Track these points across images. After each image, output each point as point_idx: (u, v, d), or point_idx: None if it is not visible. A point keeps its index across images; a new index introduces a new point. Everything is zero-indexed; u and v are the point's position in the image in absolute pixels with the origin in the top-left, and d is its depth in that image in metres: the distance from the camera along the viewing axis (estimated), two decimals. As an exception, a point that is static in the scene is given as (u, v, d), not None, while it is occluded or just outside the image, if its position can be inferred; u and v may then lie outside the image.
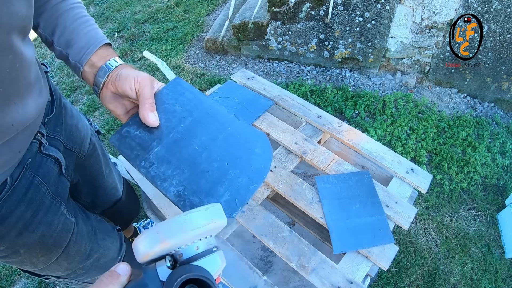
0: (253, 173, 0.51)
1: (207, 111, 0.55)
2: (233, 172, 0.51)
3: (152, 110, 0.50)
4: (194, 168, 0.50)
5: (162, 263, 0.32)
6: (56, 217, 0.59)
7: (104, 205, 0.89)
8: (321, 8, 1.91)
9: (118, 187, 0.92)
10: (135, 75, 0.49)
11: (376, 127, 1.81)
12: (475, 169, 1.66)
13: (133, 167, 0.53)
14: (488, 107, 2.00)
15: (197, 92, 0.57)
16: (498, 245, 1.45)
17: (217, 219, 0.33)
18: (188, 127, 0.53)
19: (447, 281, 1.35)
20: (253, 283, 0.74)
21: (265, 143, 0.55)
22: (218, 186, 0.49)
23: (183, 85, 0.56)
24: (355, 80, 2.13)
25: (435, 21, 1.82)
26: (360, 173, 0.91)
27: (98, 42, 0.53)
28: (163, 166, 0.50)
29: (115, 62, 0.53)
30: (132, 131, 0.52)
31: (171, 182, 0.49)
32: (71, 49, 0.53)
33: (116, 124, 1.95)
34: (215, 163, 0.51)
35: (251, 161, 0.52)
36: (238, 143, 0.53)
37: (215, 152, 0.52)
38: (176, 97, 0.55)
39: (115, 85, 0.50)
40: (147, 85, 0.49)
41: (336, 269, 0.75)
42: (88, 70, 0.53)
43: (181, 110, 0.54)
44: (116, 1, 3.02)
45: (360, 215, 0.83)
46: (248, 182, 0.50)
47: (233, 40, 2.27)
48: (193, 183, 0.49)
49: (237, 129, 0.55)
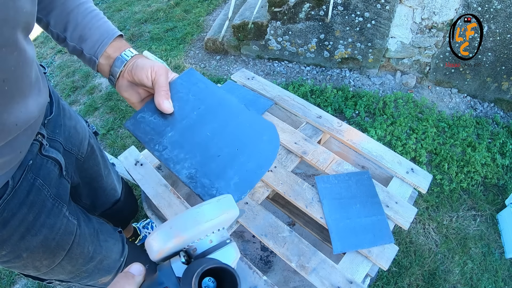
0: (261, 158, 0.54)
1: (219, 101, 0.57)
2: (242, 157, 0.53)
3: (167, 97, 0.52)
4: (205, 152, 0.52)
5: (177, 259, 0.32)
6: (58, 219, 0.59)
7: (103, 206, 0.90)
8: (321, 8, 1.91)
9: (117, 188, 0.92)
10: (151, 64, 0.51)
11: (376, 127, 1.81)
12: (475, 169, 1.66)
13: (147, 150, 0.56)
14: (488, 107, 2.00)
15: (210, 83, 0.59)
16: (498, 245, 1.45)
17: (229, 209, 0.33)
18: (200, 114, 0.55)
19: (447, 281, 1.35)
20: (253, 283, 0.74)
21: (273, 132, 0.57)
22: (228, 169, 0.52)
23: (196, 76, 0.59)
24: (355, 80, 2.13)
25: (435, 21, 1.82)
26: (360, 173, 0.91)
27: (112, 34, 0.55)
28: (176, 150, 0.52)
29: (130, 53, 0.54)
30: (147, 117, 0.54)
31: (183, 165, 0.51)
32: (85, 43, 0.54)
33: (116, 124, 1.95)
34: (225, 148, 0.53)
35: (259, 147, 0.55)
36: (247, 131, 0.56)
37: (225, 138, 0.54)
38: (190, 86, 0.57)
39: (131, 74, 0.52)
40: (163, 74, 0.51)
41: (336, 269, 0.75)
42: (103, 62, 0.55)
43: (194, 99, 0.56)
44: (116, 1, 3.02)
45: (360, 215, 0.83)
46: (256, 167, 0.53)
47: (233, 40, 2.27)
48: (204, 166, 0.51)
49: (246, 118, 0.57)
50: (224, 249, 0.33)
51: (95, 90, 2.20)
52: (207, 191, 0.50)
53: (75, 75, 2.31)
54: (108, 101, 2.10)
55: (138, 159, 0.98)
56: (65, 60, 2.45)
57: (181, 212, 0.86)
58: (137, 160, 0.98)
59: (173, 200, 0.88)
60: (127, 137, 1.87)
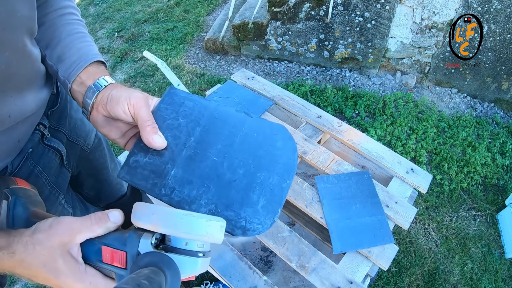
0: (282, 169, 0.48)
1: (214, 116, 0.50)
2: (261, 174, 0.47)
3: (155, 131, 0.45)
4: (219, 181, 0.46)
5: (148, 237, 0.33)
6: (53, 206, 0.61)
7: (108, 199, 0.91)
8: (321, 8, 1.91)
9: (123, 183, 0.93)
10: (127, 96, 0.45)
11: (376, 127, 1.81)
12: (475, 169, 1.66)
13: None
14: (488, 107, 2.00)
15: (197, 98, 0.52)
16: (498, 245, 1.45)
17: (212, 235, 0.32)
18: (199, 138, 0.49)
19: (447, 281, 1.35)
20: (253, 283, 0.74)
21: (285, 134, 0.51)
22: (250, 193, 0.46)
23: (179, 94, 0.52)
24: (355, 80, 2.13)
25: (435, 21, 1.82)
26: (360, 173, 0.91)
27: (90, 58, 0.50)
28: (186, 188, 0.46)
29: (104, 82, 0.48)
30: (140, 160, 0.47)
31: (199, 203, 0.45)
32: (61, 64, 0.50)
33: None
34: (240, 169, 0.47)
35: (276, 157, 0.49)
36: (257, 142, 0.50)
37: (236, 158, 0.48)
38: (177, 109, 0.50)
39: (106, 108, 0.46)
40: (142, 106, 0.45)
41: (336, 269, 0.75)
42: (76, 89, 0.49)
43: (186, 122, 0.49)
44: (116, 1, 3.02)
45: (360, 215, 0.83)
46: (280, 180, 0.47)
47: (233, 40, 2.27)
48: (223, 197, 0.45)
49: (251, 127, 0.51)
50: (192, 258, 0.32)
51: (95, 90, 2.19)
52: (235, 225, 0.44)
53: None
54: (108, 101, 2.09)
55: (138, 159, 0.98)
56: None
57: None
58: (137, 160, 0.98)
59: (173, 200, 0.88)
60: (127, 137, 1.87)
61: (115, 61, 2.37)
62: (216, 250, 0.79)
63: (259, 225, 0.44)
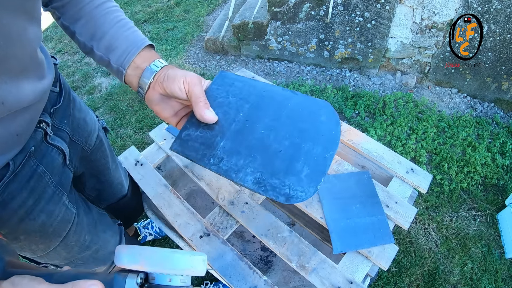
0: (326, 141, 0.50)
1: (262, 94, 0.54)
2: (305, 145, 0.49)
3: (207, 107, 0.49)
4: (265, 151, 0.49)
5: (134, 277, 0.34)
6: (57, 206, 0.60)
7: (109, 200, 0.91)
8: (321, 8, 1.91)
9: (124, 184, 0.93)
10: (183, 75, 0.49)
11: (376, 127, 1.81)
12: (475, 169, 1.66)
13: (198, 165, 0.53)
14: (488, 107, 2.00)
15: (246, 79, 0.56)
16: (498, 245, 1.45)
17: (196, 269, 0.34)
18: (247, 114, 0.52)
19: (447, 281, 1.35)
20: (253, 283, 0.74)
21: (329, 109, 0.53)
22: (295, 163, 0.48)
23: (230, 76, 0.56)
24: (355, 80, 2.13)
25: (435, 21, 1.82)
26: (360, 173, 0.91)
27: (140, 44, 0.53)
28: (234, 158, 0.49)
29: (160, 63, 0.52)
30: (192, 133, 0.51)
31: (246, 172, 0.48)
32: (112, 53, 0.52)
33: (116, 124, 1.95)
34: (285, 141, 0.50)
35: (320, 130, 0.51)
36: (302, 116, 0.52)
37: (282, 131, 0.51)
38: (227, 89, 0.54)
39: (162, 86, 0.49)
40: (197, 84, 0.49)
41: (336, 269, 0.75)
42: (131, 73, 0.52)
43: (236, 100, 0.53)
44: (116, 1, 3.02)
45: (360, 215, 0.83)
46: (323, 151, 0.49)
47: (233, 40, 2.27)
48: (269, 166, 0.48)
49: (297, 103, 0.53)
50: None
51: (95, 90, 2.20)
52: (280, 192, 0.46)
53: (75, 75, 2.31)
54: (108, 101, 2.10)
55: (138, 159, 0.98)
56: (65, 60, 2.45)
57: (180, 210, 0.86)
58: (137, 160, 0.98)
59: (173, 200, 0.88)
60: (127, 137, 1.87)
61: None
62: (216, 250, 0.79)
63: (302, 193, 0.46)
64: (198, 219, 0.85)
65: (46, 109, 0.58)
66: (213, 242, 0.80)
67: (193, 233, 0.82)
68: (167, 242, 1.43)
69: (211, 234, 0.82)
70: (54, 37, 2.68)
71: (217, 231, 0.82)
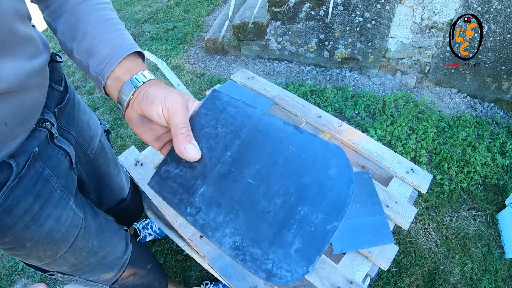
0: (330, 206, 0.38)
1: (257, 127, 0.43)
2: (302, 208, 0.38)
3: (188, 140, 0.40)
4: (250, 209, 0.40)
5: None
6: (65, 211, 0.58)
7: (108, 204, 0.90)
8: (321, 8, 1.91)
9: (125, 187, 0.92)
10: (163, 97, 0.40)
11: (376, 127, 1.81)
12: (475, 169, 1.66)
13: None
14: (488, 107, 2.00)
15: (242, 105, 0.45)
16: (498, 245, 1.45)
17: None
18: (236, 154, 0.42)
19: (447, 281, 1.35)
20: (253, 283, 0.74)
21: (341, 159, 0.40)
22: (285, 231, 0.38)
23: (222, 99, 0.45)
24: (355, 80, 2.13)
25: (435, 21, 1.82)
26: (360, 173, 0.91)
27: (125, 50, 0.45)
28: (213, 211, 0.40)
29: (142, 77, 0.44)
30: (172, 170, 0.43)
31: (224, 232, 0.39)
32: (92, 58, 0.45)
33: (116, 124, 1.95)
34: (277, 198, 0.39)
35: (325, 189, 0.39)
36: (305, 166, 0.40)
37: (275, 184, 0.40)
38: (217, 115, 0.44)
39: (141, 107, 0.42)
40: (178, 110, 0.40)
41: (336, 269, 0.75)
42: (111, 85, 0.45)
43: (225, 132, 0.43)
44: (116, 1, 3.02)
45: (360, 215, 0.83)
46: (325, 221, 0.38)
47: (233, 40, 2.27)
48: (252, 230, 0.39)
49: (300, 146, 0.42)
50: None
51: (95, 90, 2.20)
52: (260, 266, 0.37)
53: (75, 75, 2.31)
54: (108, 101, 2.09)
55: (138, 159, 0.98)
56: (64, 60, 2.45)
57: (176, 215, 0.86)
58: (137, 160, 0.98)
59: (173, 200, 0.88)
60: (127, 137, 1.87)
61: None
62: (216, 250, 0.79)
63: (288, 273, 0.36)
64: (198, 219, 0.85)
65: (50, 108, 0.55)
66: (213, 242, 0.80)
67: (193, 233, 0.82)
68: (167, 242, 1.43)
69: (211, 234, 0.82)
70: (54, 37, 2.68)
71: (217, 231, 0.82)
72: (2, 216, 0.48)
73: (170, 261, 1.38)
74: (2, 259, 1.42)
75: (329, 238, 0.37)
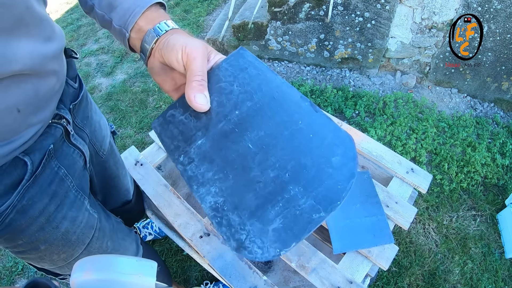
0: (323, 194, 0.36)
1: (272, 95, 0.41)
2: (293, 188, 0.36)
3: (200, 90, 0.39)
4: (241, 174, 0.38)
5: None
6: (80, 212, 0.57)
7: (112, 205, 0.89)
8: (321, 8, 1.91)
9: (130, 190, 0.91)
10: (184, 43, 0.39)
11: (376, 127, 1.81)
12: (475, 169, 1.66)
13: None
14: (488, 107, 2.00)
15: (264, 68, 0.43)
16: (498, 245, 1.45)
17: (144, 275, 0.31)
18: (244, 115, 0.40)
19: (447, 281, 1.35)
20: (253, 283, 0.74)
21: (349, 150, 0.38)
22: (269, 206, 0.36)
23: (247, 58, 0.44)
24: (355, 80, 2.13)
25: (435, 21, 1.82)
26: (360, 173, 0.91)
27: (147, 1, 0.44)
28: (204, 166, 0.39)
29: (165, 26, 0.43)
30: (177, 115, 0.42)
31: (209, 189, 0.38)
32: (114, 12, 0.44)
33: (116, 124, 1.95)
34: (271, 171, 0.38)
35: (323, 175, 0.37)
36: (309, 146, 0.38)
37: (273, 155, 0.38)
38: (236, 73, 0.43)
39: (161, 54, 0.41)
40: (198, 57, 0.39)
41: (336, 269, 0.75)
42: (134, 37, 0.44)
43: (239, 91, 0.41)
44: (116, 1, 3.02)
45: (360, 215, 0.83)
46: (313, 208, 0.35)
47: (233, 40, 2.27)
48: (237, 195, 0.37)
49: (311, 125, 0.39)
50: None
51: (95, 90, 2.20)
52: (233, 234, 0.36)
53: (75, 75, 2.31)
54: (108, 101, 2.10)
55: (138, 159, 0.98)
56: (65, 60, 2.46)
57: (180, 210, 0.86)
58: (137, 160, 0.98)
59: (173, 200, 0.88)
60: (127, 137, 1.87)
61: (115, 61, 2.37)
62: (216, 250, 0.79)
63: (259, 250, 0.35)
64: (198, 219, 0.85)
65: (65, 104, 0.54)
66: (213, 242, 0.80)
67: (193, 233, 0.82)
68: (167, 242, 1.43)
69: (211, 234, 0.82)
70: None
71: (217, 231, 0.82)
72: (16, 218, 0.46)
73: (170, 261, 1.38)
74: (2, 259, 1.42)
75: (311, 227, 0.35)
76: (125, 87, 2.15)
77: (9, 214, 0.45)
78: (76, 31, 2.70)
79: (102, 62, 2.40)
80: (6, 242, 0.50)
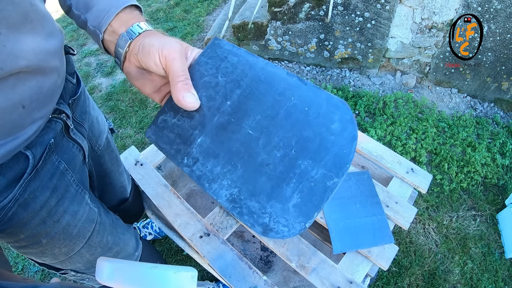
0: (331, 161, 0.37)
1: (259, 77, 0.41)
2: (303, 162, 0.37)
3: (186, 89, 0.39)
4: (249, 161, 0.38)
5: None
6: (81, 206, 0.58)
7: (109, 203, 0.90)
8: (321, 8, 1.91)
9: (126, 187, 0.92)
10: (160, 46, 0.39)
11: (376, 127, 1.81)
12: (475, 169, 1.66)
13: None
14: (488, 107, 2.00)
15: (244, 53, 0.43)
16: (498, 245, 1.45)
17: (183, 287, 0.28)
18: (236, 103, 0.40)
19: (447, 281, 1.35)
20: (253, 283, 0.74)
21: (345, 113, 0.38)
22: (284, 185, 0.37)
23: (224, 47, 0.43)
24: (355, 80, 2.13)
25: (435, 21, 1.82)
26: (360, 173, 0.91)
27: (122, 2, 0.43)
28: (210, 162, 0.39)
29: (138, 28, 0.42)
30: (169, 120, 0.41)
31: (221, 183, 0.38)
32: (90, 12, 0.44)
33: (116, 124, 1.95)
34: (277, 151, 0.38)
35: (327, 143, 0.37)
36: (307, 119, 0.38)
37: (276, 136, 0.38)
38: (217, 64, 0.42)
39: (137, 59, 0.41)
40: (176, 58, 0.38)
41: (336, 269, 0.75)
42: (108, 39, 0.44)
43: (226, 82, 0.41)
44: (116, 1, 3.02)
45: (360, 215, 0.83)
46: (325, 176, 0.36)
47: (233, 40, 2.27)
48: (250, 182, 0.37)
49: (303, 98, 0.39)
50: None
51: (95, 90, 2.20)
52: (257, 219, 0.36)
53: (75, 75, 2.31)
54: (108, 101, 2.10)
55: (138, 159, 0.98)
56: (65, 60, 2.46)
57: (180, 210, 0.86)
58: (137, 160, 0.98)
59: (173, 200, 0.88)
60: (127, 137, 1.87)
61: (115, 61, 2.37)
62: (216, 250, 0.79)
63: (285, 228, 0.36)
64: (198, 219, 0.85)
65: (64, 99, 0.55)
66: (213, 242, 0.80)
67: (193, 233, 0.82)
68: (167, 242, 1.43)
69: (211, 234, 0.82)
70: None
71: (217, 231, 0.82)
72: (18, 211, 0.47)
73: (170, 261, 1.38)
74: (2, 259, 1.42)
75: (328, 194, 0.36)
76: (125, 87, 2.15)
77: (11, 207, 0.46)
78: (76, 31, 2.70)
79: (102, 62, 2.40)
80: (8, 237, 0.50)
